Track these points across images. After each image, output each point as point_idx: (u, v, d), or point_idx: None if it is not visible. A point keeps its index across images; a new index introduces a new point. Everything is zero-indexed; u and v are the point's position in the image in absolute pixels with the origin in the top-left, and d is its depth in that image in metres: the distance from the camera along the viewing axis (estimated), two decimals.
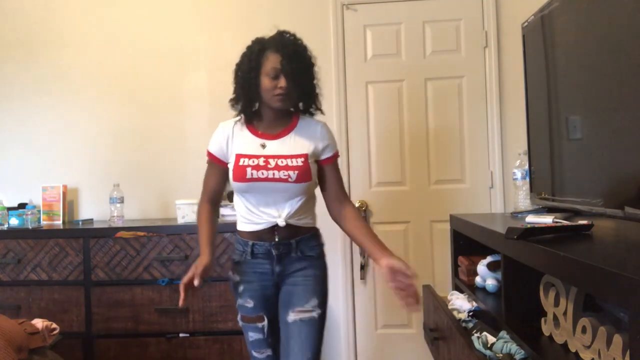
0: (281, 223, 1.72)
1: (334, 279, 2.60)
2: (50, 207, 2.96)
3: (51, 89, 3.12)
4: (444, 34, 2.94)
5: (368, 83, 2.98)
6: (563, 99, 1.76)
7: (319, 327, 1.75)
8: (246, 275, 1.78)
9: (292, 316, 1.72)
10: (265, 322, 1.77)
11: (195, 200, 2.71)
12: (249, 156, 1.72)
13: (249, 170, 1.70)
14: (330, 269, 1.87)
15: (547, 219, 1.60)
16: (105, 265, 2.58)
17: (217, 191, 1.85)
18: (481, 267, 1.89)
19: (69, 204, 3.05)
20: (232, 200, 1.99)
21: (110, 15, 3.10)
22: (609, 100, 1.42)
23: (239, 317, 1.81)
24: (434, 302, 2.04)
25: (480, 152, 2.93)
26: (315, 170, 1.76)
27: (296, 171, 1.69)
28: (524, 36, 2.08)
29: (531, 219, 1.68)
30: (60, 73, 3.11)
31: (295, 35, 1.75)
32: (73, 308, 2.58)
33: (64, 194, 2.98)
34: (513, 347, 1.37)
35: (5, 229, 2.74)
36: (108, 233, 2.60)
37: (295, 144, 1.75)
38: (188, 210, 2.69)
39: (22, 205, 2.93)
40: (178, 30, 3.07)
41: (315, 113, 1.83)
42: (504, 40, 2.89)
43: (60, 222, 2.93)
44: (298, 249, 1.76)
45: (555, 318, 1.32)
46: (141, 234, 2.57)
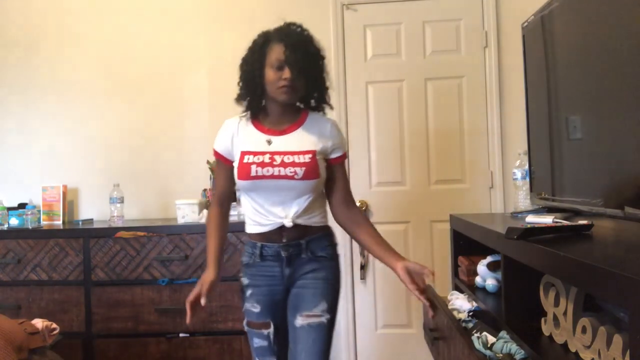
0: (288, 224, 1.64)
1: None
2: (50, 207, 2.96)
3: (51, 89, 3.12)
4: (444, 34, 2.94)
5: (368, 83, 2.98)
6: (563, 99, 1.76)
7: (327, 333, 1.66)
8: (255, 279, 1.71)
9: (300, 321, 1.65)
10: (272, 329, 1.69)
11: (195, 200, 2.74)
12: (254, 153, 1.64)
13: (253, 167, 1.62)
14: None
15: (547, 219, 1.60)
16: (105, 265, 2.58)
17: (227, 191, 1.78)
18: (481, 267, 1.89)
19: (69, 204, 3.05)
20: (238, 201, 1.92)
21: (111, 15, 3.10)
22: (609, 100, 1.42)
23: (244, 322, 1.74)
24: (430, 300, 2.04)
25: (480, 152, 2.93)
26: (324, 167, 1.69)
27: (303, 168, 1.61)
28: (524, 36, 2.08)
29: (531, 219, 1.68)
30: (61, 73, 3.12)
31: (302, 26, 1.67)
32: (73, 308, 2.58)
33: (64, 194, 2.98)
34: (513, 347, 1.37)
35: (5, 229, 2.75)
36: (108, 233, 2.60)
37: (302, 140, 1.67)
38: (188, 210, 2.69)
39: (22, 205, 2.93)
40: (178, 31, 3.07)
41: (324, 108, 1.75)
42: (504, 40, 2.88)
43: (60, 222, 2.93)
44: (308, 249, 1.68)
45: (555, 318, 1.32)
46: (141, 234, 2.57)
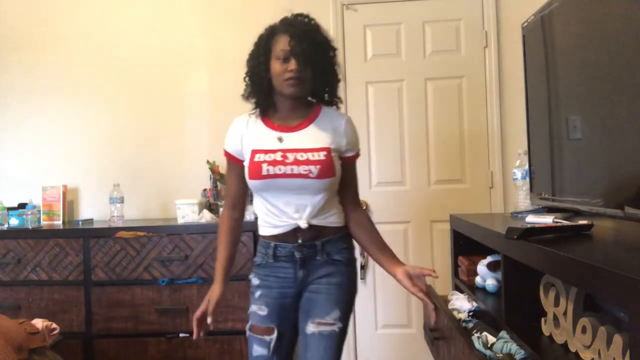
0: (303, 225, 1.57)
1: None
2: (50, 207, 2.96)
3: (51, 89, 3.12)
4: (444, 34, 2.94)
5: (368, 83, 2.98)
6: (563, 99, 1.76)
7: (338, 342, 1.60)
8: (266, 280, 1.65)
9: (312, 328, 1.58)
10: (274, 336, 1.62)
11: (195, 200, 2.74)
12: (265, 151, 1.57)
13: (264, 166, 1.55)
14: None
15: (547, 219, 1.60)
16: (105, 265, 2.57)
17: (239, 193, 1.70)
18: (481, 267, 1.89)
19: (69, 204, 3.05)
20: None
21: (111, 15, 3.10)
22: (609, 100, 1.42)
23: (247, 326, 1.68)
24: (434, 302, 2.03)
25: (480, 152, 2.93)
26: (339, 165, 1.61)
27: (318, 166, 1.54)
28: (524, 36, 2.07)
29: (531, 219, 1.67)
30: (61, 73, 3.12)
31: (309, 16, 1.61)
32: (73, 308, 2.58)
33: (64, 194, 2.98)
34: (513, 347, 1.37)
35: (5, 229, 2.74)
36: (108, 233, 2.60)
37: (316, 137, 1.59)
38: (188, 210, 2.69)
39: (22, 205, 2.92)
40: (178, 30, 3.07)
41: (337, 102, 1.69)
42: (504, 40, 2.89)
43: (60, 222, 2.93)
44: (324, 251, 1.61)
45: (555, 318, 1.32)
46: (141, 234, 2.57)
